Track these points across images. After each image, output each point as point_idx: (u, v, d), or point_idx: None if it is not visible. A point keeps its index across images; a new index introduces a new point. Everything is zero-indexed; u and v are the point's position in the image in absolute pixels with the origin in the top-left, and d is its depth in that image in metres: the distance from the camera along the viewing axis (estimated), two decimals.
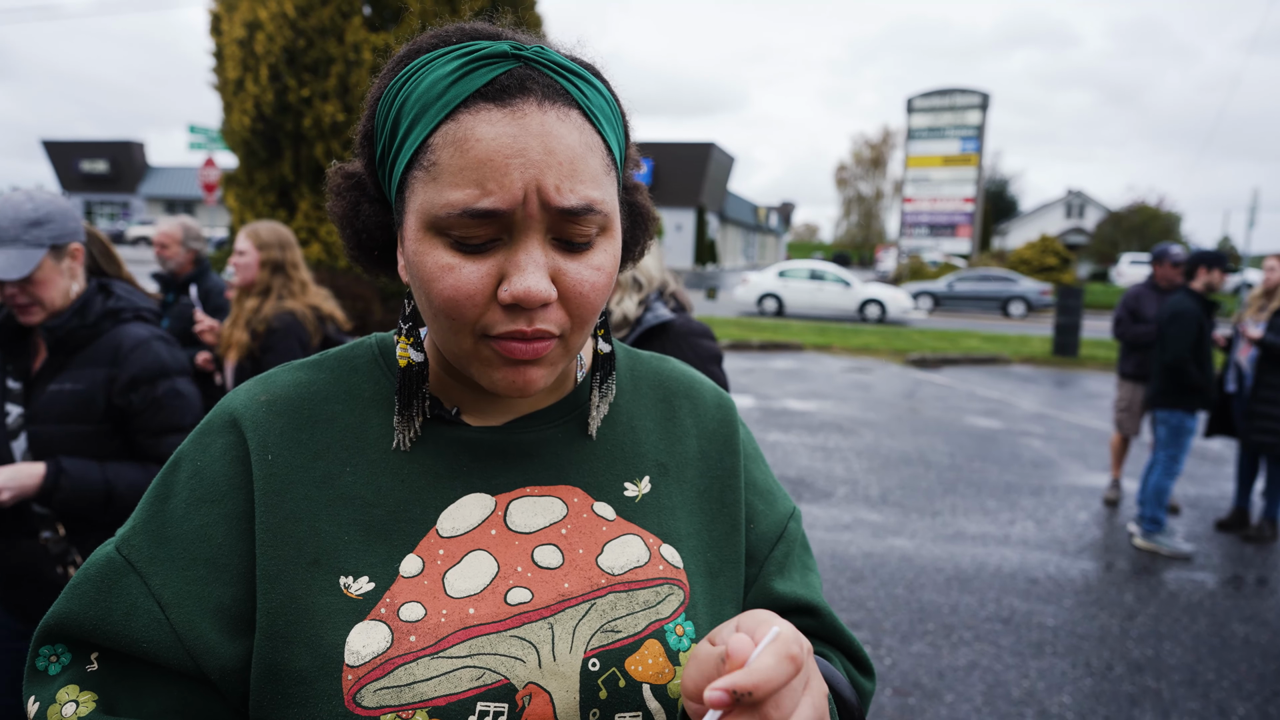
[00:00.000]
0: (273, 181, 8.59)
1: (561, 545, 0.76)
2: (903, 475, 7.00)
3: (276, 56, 8.05)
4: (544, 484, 0.79)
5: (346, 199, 0.79)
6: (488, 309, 0.68)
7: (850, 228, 77.22)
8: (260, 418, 0.76)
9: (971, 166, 39.93)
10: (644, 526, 0.80)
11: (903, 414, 9.76)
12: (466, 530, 0.75)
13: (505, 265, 0.67)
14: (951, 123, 40.00)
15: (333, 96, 8.12)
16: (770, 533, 0.89)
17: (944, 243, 40.89)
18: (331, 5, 8.08)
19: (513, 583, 0.72)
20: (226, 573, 0.72)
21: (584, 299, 0.70)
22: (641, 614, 0.75)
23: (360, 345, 0.85)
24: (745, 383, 11.55)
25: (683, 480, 0.85)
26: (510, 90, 0.65)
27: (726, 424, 0.91)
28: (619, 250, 0.74)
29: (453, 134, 0.65)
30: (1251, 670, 3.81)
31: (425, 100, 0.67)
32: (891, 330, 19.23)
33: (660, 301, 2.35)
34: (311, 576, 0.71)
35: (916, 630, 4.11)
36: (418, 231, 0.68)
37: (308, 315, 3.29)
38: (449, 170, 0.65)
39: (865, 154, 73.81)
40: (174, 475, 0.76)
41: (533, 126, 0.65)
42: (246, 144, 8.43)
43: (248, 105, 8.17)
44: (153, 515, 0.75)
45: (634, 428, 0.86)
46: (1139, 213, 50.42)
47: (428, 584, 0.71)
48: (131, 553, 0.73)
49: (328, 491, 0.74)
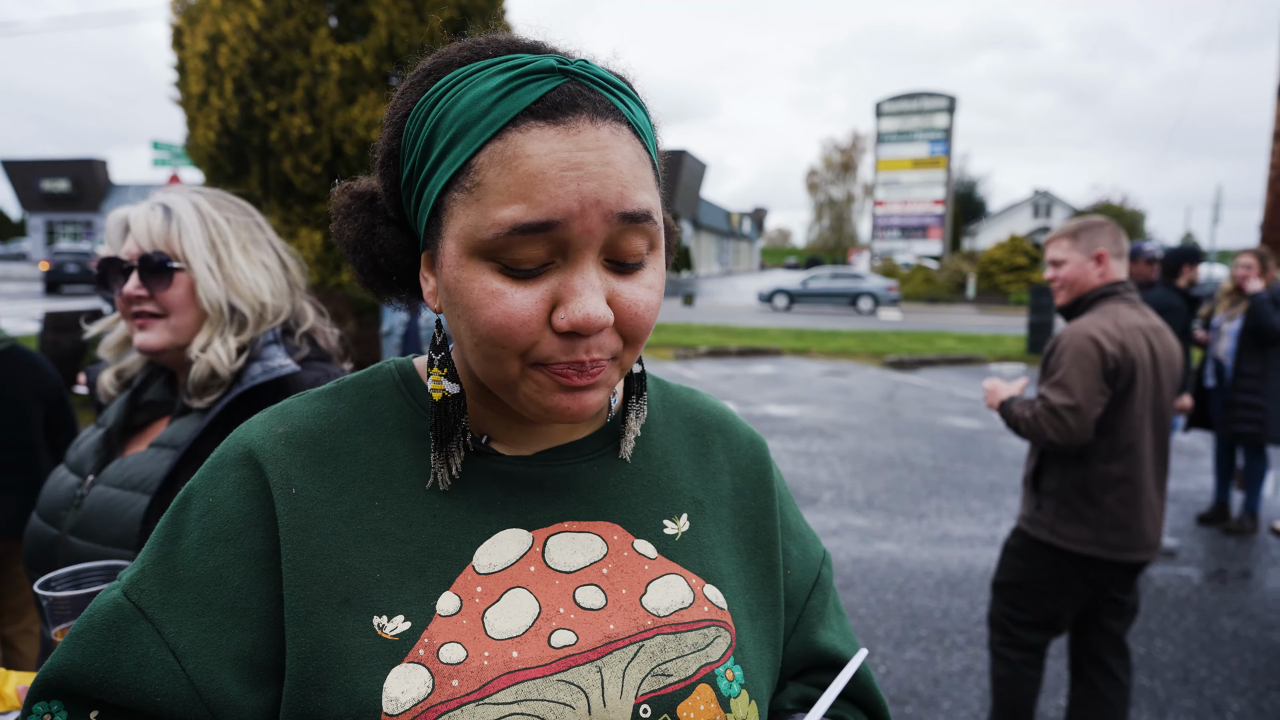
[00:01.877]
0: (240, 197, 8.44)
1: (604, 585, 0.72)
2: (887, 478, 6.97)
3: (241, 69, 7.92)
4: (582, 519, 0.75)
5: (358, 221, 0.74)
6: (541, 337, 0.63)
7: (823, 232, 77.69)
8: (280, 451, 0.72)
9: (940, 169, 40.32)
10: (685, 566, 0.76)
11: (883, 416, 9.76)
12: (505, 566, 0.70)
13: (559, 290, 0.62)
14: (920, 126, 40.39)
15: (300, 109, 7.99)
16: (805, 579, 0.86)
17: (915, 244, 41.25)
18: (296, 17, 7.96)
19: (556, 624, 0.69)
20: (246, 618, 0.67)
21: (639, 320, 0.66)
22: (691, 657, 0.71)
23: (379, 371, 0.80)
24: (725, 389, 11.52)
25: (719, 519, 0.81)
26: (562, 107, 0.61)
27: (760, 461, 0.88)
28: (664, 271, 0.70)
29: (500, 153, 0.61)
30: (1243, 665, 3.79)
31: (467, 118, 0.62)
32: (868, 333, 19.32)
33: (278, 346, 1.45)
34: (343, 617, 0.66)
35: (909, 636, 4.06)
36: (460, 257, 0.64)
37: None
38: (496, 189, 0.61)
39: (835, 158, 74.35)
40: (184, 513, 0.71)
41: (588, 142, 0.61)
42: (212, 159, 8.28)
43: (212, 119, 8.03)
44: (163, 557, 0.69)
45: (669, 462, 0.82)
46: (1104, 211, 51.16)
47: (467, 623, 0.67)
48: (141, 598, 0.67)
49: (356, 527, 0.69)
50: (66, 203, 52.58)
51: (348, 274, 8.34)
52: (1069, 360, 2.56)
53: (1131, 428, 2.59)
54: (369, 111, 7.99)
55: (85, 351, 9.13)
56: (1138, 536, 2.62)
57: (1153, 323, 2.67)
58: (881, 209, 41.72)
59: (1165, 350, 2.66)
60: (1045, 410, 2.56)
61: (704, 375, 12.83)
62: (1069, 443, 2.55)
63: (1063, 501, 2.66)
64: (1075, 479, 2.64)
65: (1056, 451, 2.65)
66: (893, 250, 40.98)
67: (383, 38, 8.06)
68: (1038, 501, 2.74)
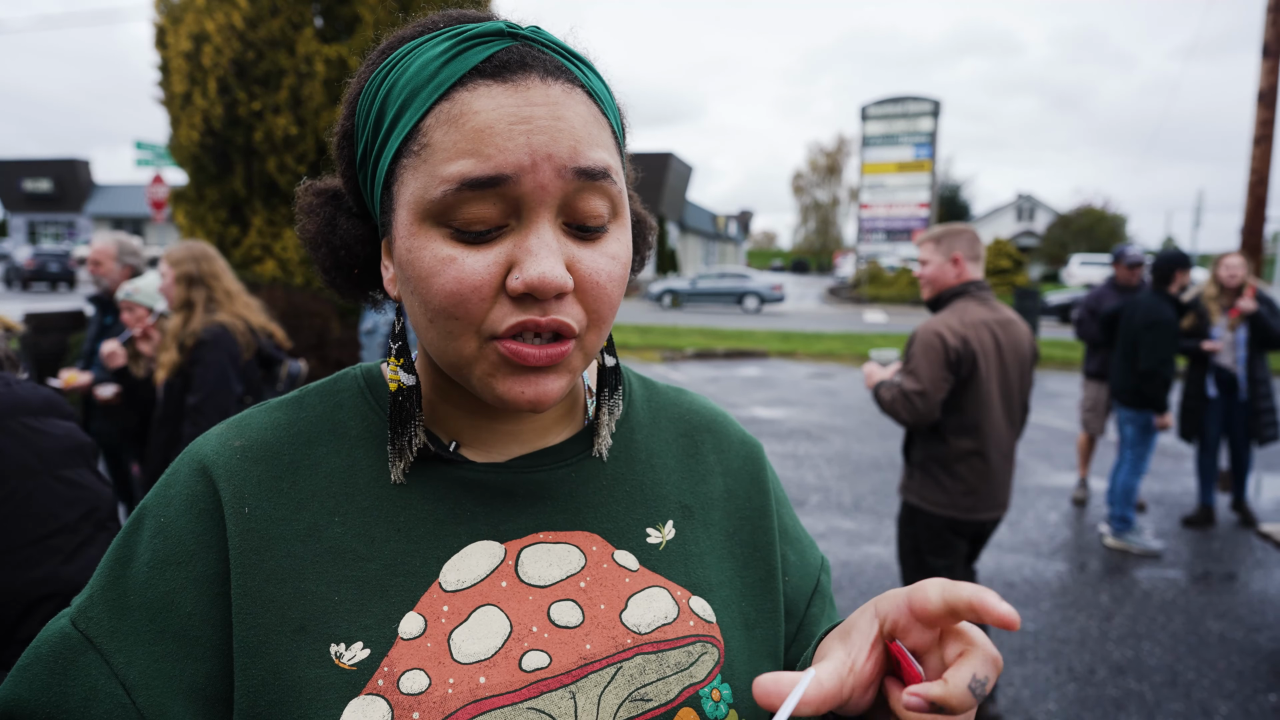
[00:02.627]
0: (224, 197, 8.37)
1: (581, 600, 0.67)
2: (874, 481, 6.98)
3: (225, 69, 7.85)
4: (559, 529, 0.70)
5: (320, 215, 0.71)
6: (494, 305, 0.59)
7: (808, 234, 77.94)
8: (234, 465, 0.67)
9: (925, 172, 40.50)
10: (670, 577, 0.71)
11: (869, 419, 9.78)
12: (474, 582, 0.65)
13: (514, 253, 0.59)
14: (905, 130, 40.56)
15: (285, 109, 7.93)
16: (805, 586, 0.82)
17: (901, 247, 41.43)
18: (282, 17, 7.90)
19: (528, 645, 0.64)
20: (199, 646, 0.62)
21: (601, 290, 0.62)
22: (673, 678, 0.66)
23: (344, 377, 0.75)
24: (712, 391, 11.51)
25: (709, 523, 0.77)
26: (510, 66, 0.59)
27: (753, 460, 0.83)
28: (630, 244, 0.66)
29: (447, 113, 0.58)
30: (1230, 668, 3.81)
31: (414, 84, 0.60)
32: (854, 335, 19.37)
33: None
34: (297, 646, 0.61)
35: None
36: (411, 226, 0.60)
37: (238, 326, 3.19)
38: (443, 147, 0.58)
39: (821, 162, 74.60)
40: (136, 534, 0.66)
41: (537, 98, 0.58)
42: (195, 159, 8.20)
43: (196, 119, 7.95)
44: (113, 582, 0.64)
45: (654, 466, 0.77)
46: (1086, 215, 51.53)
47: (431, 646, 0.62)
48: (89, 626, 0.62)
49: (314, 546, 0.65)
50: (49, 203, 52.02)
51: None
52: (919, 352, 2.97)
53: (978, 408, 2.99)
54: None
55: (67, 352, 9.03)
56: (987, 499, 3.04)
57: (1000, 316, 3.05)
58: (867, 212, 41.86)
59: (1011, 340, 3.05)
60: (900, 394, 2.97)
61: (691, 377, 12.82)
62: (918, 421, 2.97)
63: (926, 471, 3.08)
64: (934, 451, 3.05)
65: (912, 428, 3.07)
66: (878, 253, 41.13)
67: (369, 38, 7.99)
68: (910, 471, 3.16)
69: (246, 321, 3.25)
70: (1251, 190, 10.17)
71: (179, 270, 3.18)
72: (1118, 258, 6.07)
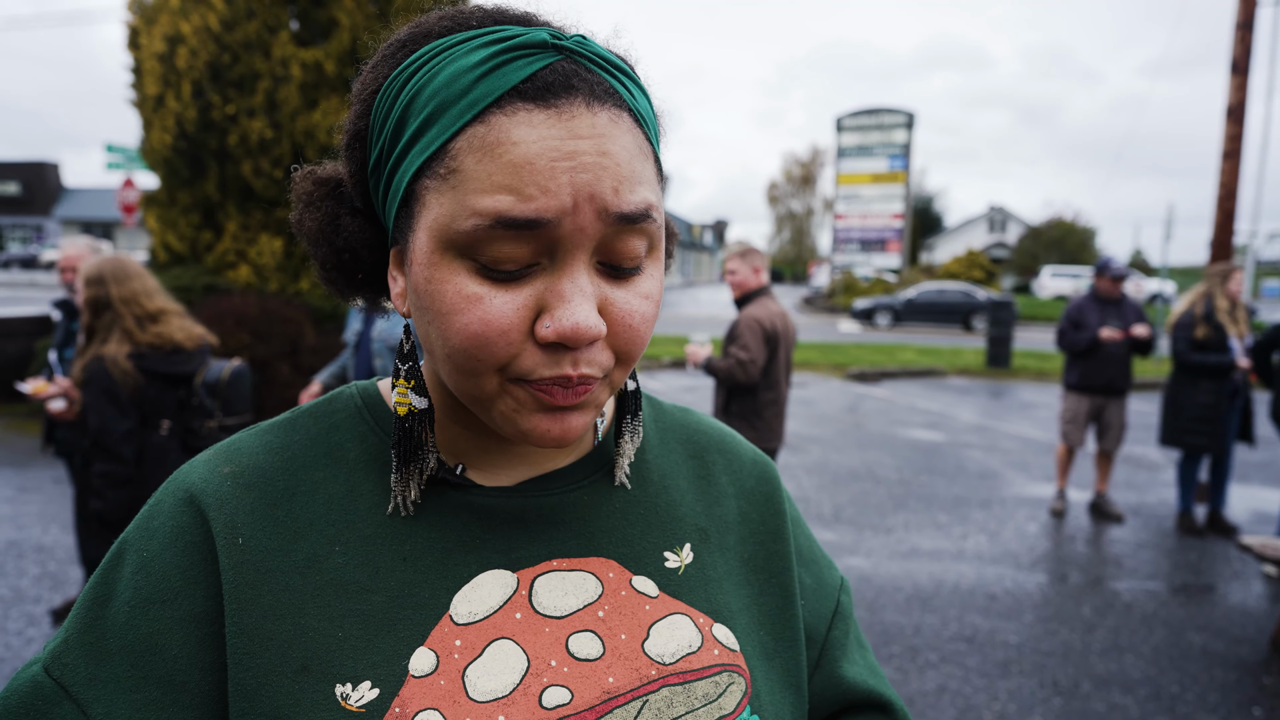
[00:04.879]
0: (196, 201, 8.22)
1: (600, 631, 0.63)
2: (853, 492, 6.97)
3: (200, 72, 7.72)
4: (573, 556, 0.66)
5: (321, 210, 0.64)
6: (522, 349, 0.55)
7: (783, 244, 78.39)
8: (226, 494, 0.62)
9: (900, 183, 40.87)
10: (690, 603, 0.67)
11: (847, 429, 9.79)
12: (486, 615, 0.61)
13: (545, 296, 0.54)
14: (879, 141, 40.92)
15: (260, 113, 7.81)
16: (824, 609, 0.78)
17: (875, 258, 41.72)
18: (258, 20, 7.79)
19: (547, 680, 0.59)
20: (186, 693, 0.57)
21: (634, 333, 0.57)
22: (702, 711, 0.62)
23: (339, 398, 0.70)
24: (691, 401, 11.48)
25: (725, 547, 0.72)
26: (555, 89, 0.53)
27: (767, 481, 0.79)
28: (663, 278, 0.62)
29: (481, 138, 0.52)
30: (1213, 681, 3.81)
31: (444, 97, 0.53)
32: (830, 345, 19.45)
33: None
34: (300, 687, 0.57)
35: (882, 654, 4.02)
36: (431, 254, 0.55)
37: (117, 360, 2.97)
38: (475, 177, 0.52)
39: (796, 172, 75.11)
40: (116, 571, 0.61)
41: (582, 129, 0.52)
42: (168, 163, 8.06)
43: (169, 122, 7.81)
44: (90, 624, 0.59)
45: (667, 487, 0.73)
46: (1057, 227, 52.23)
47: (445, 685, 0.57)
48: (64, 674, 0.57)
49: (313, 578, 0.60)
50: (16, 206, 51.08)
51: (307, 282, 8.17)
52: (746, 332, 4.17)
53: (776, 371, 4.29)
54: (331, 116, 7.83)
55: (33, 357, 8.82)
56: (779, 433, 4.37)
57: (782, 309, 4.36)
58: (841, 222, 42.16)
59: (787, 325, 4.37)
60: (736, 363, 4.15)
61: (668, 386, 12.78)
62: (749, 381, 4.17)
63: (744, 419, 4.27)
64: (748, 404, 4.27)
65: (738, 388, 4.26)
66: (852, 263, 41.42)
67: (345, 42, 7.92)
68: (729, 422, 4.23)
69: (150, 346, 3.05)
70: (1220, 204, 10.34)
71: (89, 293, 2.99)
72: (1101, 269, 6.11)
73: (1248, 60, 10.25)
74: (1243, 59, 10.27)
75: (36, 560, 4.81)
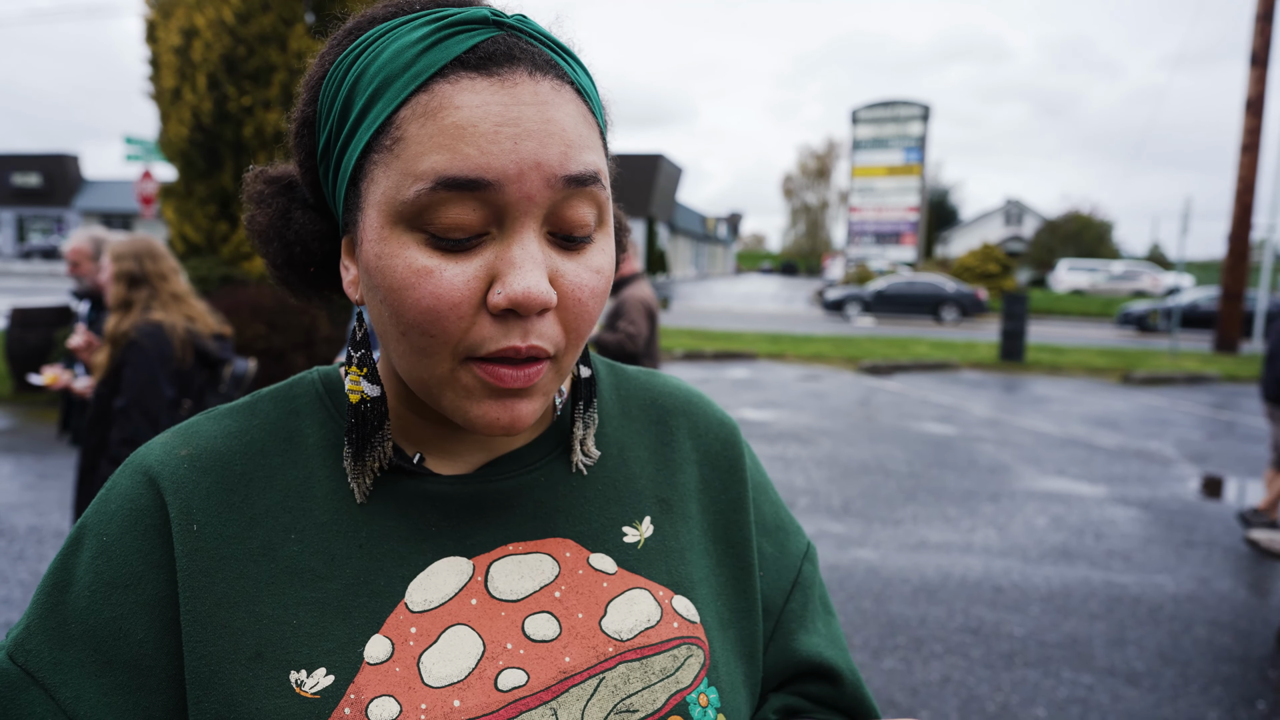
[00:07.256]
0: (213, 193, 8.31)
1: (556, 611, 0.63)
2: (863, 484, 6.98)
3: (215, 64, 7.80)
4: (529, 539, 0.66)
5: (272, 206, 0.66)
6: (474, 321, 0.55)
7: (797, 237, 78.14)
8: (183, 477, 0.62)
9: (915, 176, 40.65)
10: (650, 577, 0.68)
11: (858, 422, 9.80)
12: (442, 602, 0.62)
13: (495, 264, 0.55)
14: (895, 134, 40.70)
15: (275, 105, 7.89)
16: (783, 580, 0.77)
17: (889, 251, 41.56)
18: (273, 12, 7.85)
19: (503, 663, 0.60)
20: (153, 677, 0.58)
21: (583, 307, 0.58)
22: (659, 685, 0.63)
23: (300, 382, 0.70)
24: None
25: (687, 516, 0.73)
26: (497, 58, 0.54)
27: (731, 446, 0.79)
28: (613, 256, 0.63)
29: (425, 105, 0.54)
30: (1217, 675, 3.82)
31: (388, 72, 0.55)
32: (843, 338, 19.42)
33: None
34: (253, 674, 0.57)
35: (887, 645, 4.06)
36: (381, 229, 0.56)
37: (176, 327, 2.99)
38: (419, 141, 0.53)
39: (811, 165, 74.82)
40: (75, 555, 0.61)
41: (525, 97, 0.54)
42: (184, 155, 8.15)
43: (185, 115, 7.90)
44: (51, 609, 0.59)
45: (626, 460, 0.73)
46: (1074, 221, 51.87)
47: (400, 671, 0.58)
48: (29, 660, 0.58)
49: (269, 565, 0.60)
50: (37, 197, 51.62)
51: None
52: (632, 309, 4.87)
53: (652, 342, 5.02)
54: None
55: (53, 348, 8.94)
56: None
57: (651, 292, 5.11)
58: (856, 215, 42.01)
59: (657, 306, 5.08)
60: (625, 335, 4.81)
61: None
62: (635, 351, 4.80)
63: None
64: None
65: (624, 358, 4.70)
66: (867, 256, 41.26)
67: None
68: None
69: (190, 324, 3.07)
70: (1239, 198, 10.25)
71: (120, 267, 2.99)
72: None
73: (1268, 53, 10.15)
74: (1263, 51, 10.16)
75: (56, 545, 4.91)
